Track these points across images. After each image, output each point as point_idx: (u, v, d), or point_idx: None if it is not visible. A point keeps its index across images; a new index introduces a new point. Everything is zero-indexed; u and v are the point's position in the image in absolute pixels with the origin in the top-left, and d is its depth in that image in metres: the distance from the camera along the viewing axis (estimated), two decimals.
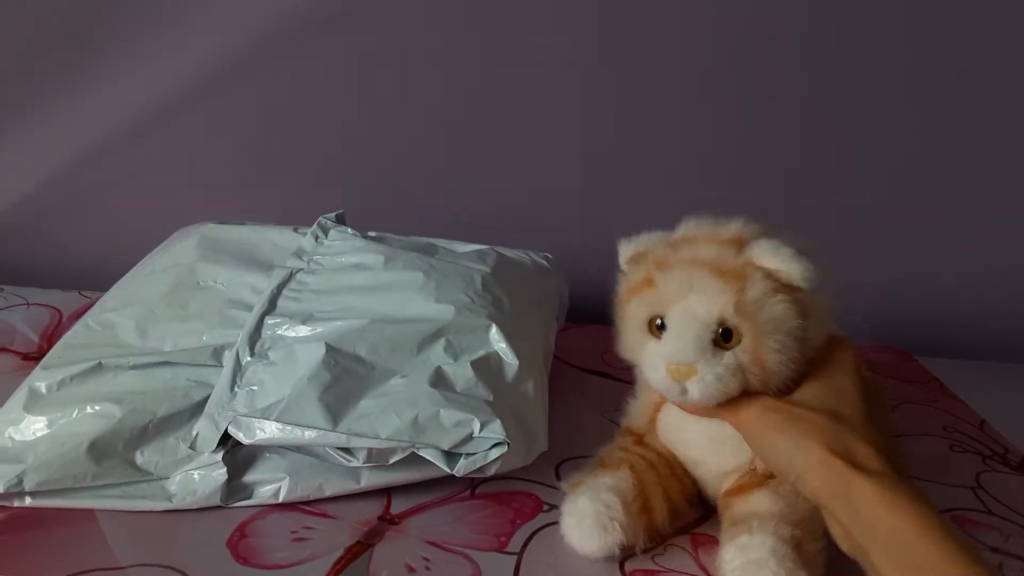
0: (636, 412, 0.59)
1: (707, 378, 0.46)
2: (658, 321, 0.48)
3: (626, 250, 0.53)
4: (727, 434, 0.50)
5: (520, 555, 0.51)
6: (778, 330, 0.46)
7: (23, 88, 0.95)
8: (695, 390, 0.46)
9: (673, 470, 0.56)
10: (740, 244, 0.48)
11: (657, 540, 0.53)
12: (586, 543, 0.50)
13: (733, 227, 0.50)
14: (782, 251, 0.46)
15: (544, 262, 0.80)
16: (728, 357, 0.46)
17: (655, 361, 0.47)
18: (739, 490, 0.52)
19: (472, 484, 0.59)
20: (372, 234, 0.74)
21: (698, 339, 0.46)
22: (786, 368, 0.47)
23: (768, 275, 0.47)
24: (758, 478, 0.51)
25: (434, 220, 0.94)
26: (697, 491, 0.57)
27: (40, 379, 0.57)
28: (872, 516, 0.40)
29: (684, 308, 0.47)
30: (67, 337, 0.63)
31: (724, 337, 0.46)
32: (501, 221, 0.99)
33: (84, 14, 0.91)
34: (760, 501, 0.50)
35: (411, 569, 0.49)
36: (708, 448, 0.54)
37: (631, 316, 0.50)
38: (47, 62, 0.94)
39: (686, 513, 0.56)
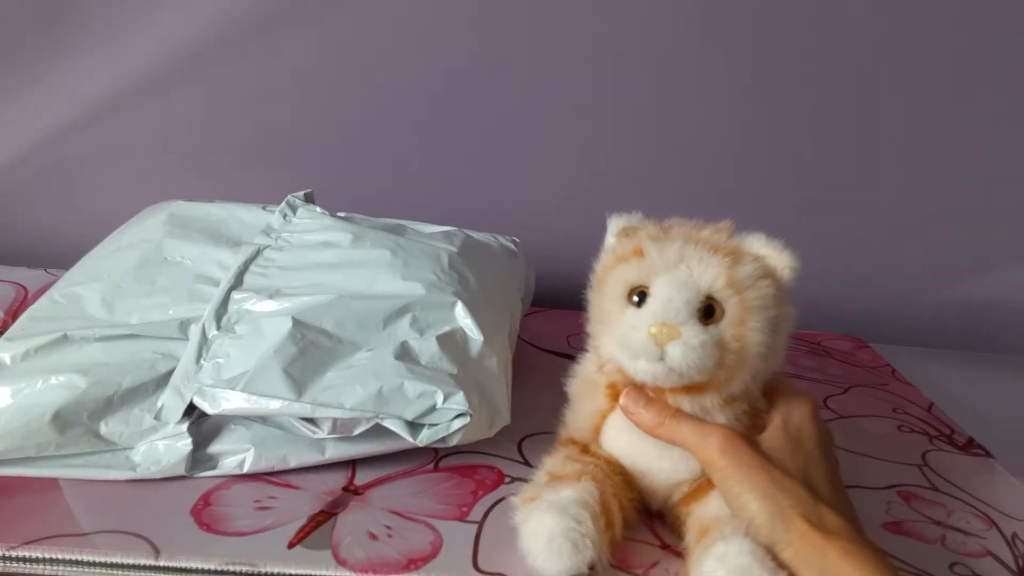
0: (577, 421, 0.57)
1: (691, 342, 0.46)
2: (637, 295, 0.49)
3: (617, 222, 0.54)
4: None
5: (481, 524, 0.53)
6: (763, 311, 0.47)
7: None
8: (676, 354, 0.46)
9: (624, 479, 0.53)
10: (728, 231, 0.51)
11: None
12: (555, 563, 0.45)
13: (720, 223, 0.52)
14: (772, 241, 0.49)
15: (511, 245, 0.81)
16: (712, 329, 0.47)
17: (637, 322, 0.47)
18: (695, 494, 0.51)
19: (436, 457, 0.60)
20: (341, 214, 0.74)
21: (687, 303, 0.47)
22: (759, 359, 0.48)
23: (756, 259, 0.49)
24: (708, 481, 0.50)
25: (403, 204, 0.95)
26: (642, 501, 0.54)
27: (4, 350, 0.57)
28: (839, 572, 0.42)
29: (675, 275, 0.47)
30: (32, 310, 0.63)
31: (707, 313, 0.47)
32: (469, 206, 1.01)
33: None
34: (717, 504, 0.49)
35: (373, 536, 0.50)
36: (658, 456, 0.52)
37: (613, 281, 0.50)
38: (13, 41, 0.93)
39: (635, 524, 0.53)
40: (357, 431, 0.54)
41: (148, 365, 0.57)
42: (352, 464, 0.58)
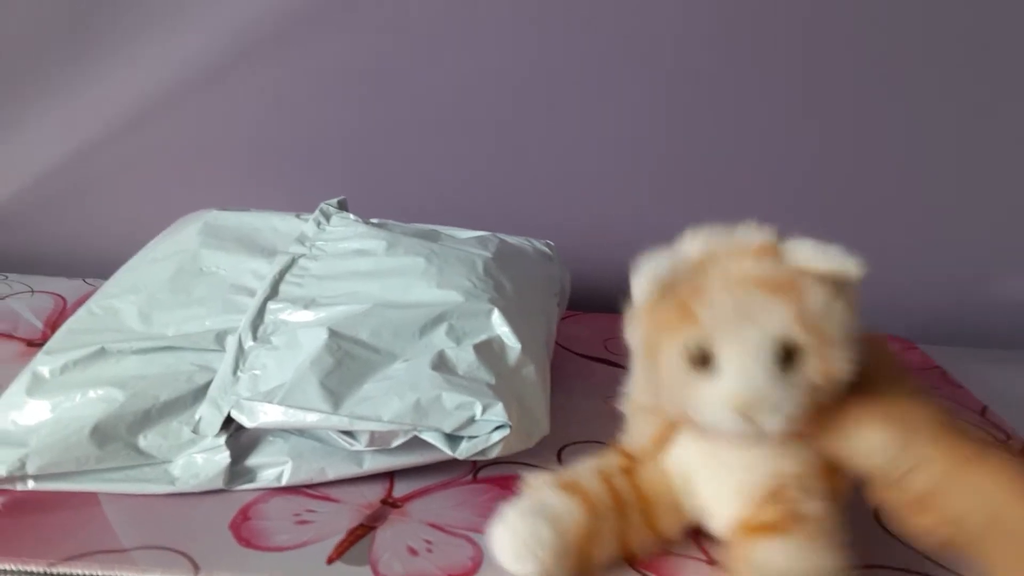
0: (642, 432, 0.52)
1: (783, 406, 0.41)
2: (697, 358, 0.43)
3: (647, 284, 0.44)
4: (747, 462, 0.47)
5: None
6: (845, 338, 0.42)
7: (27, 78, 0.95)
8: (772, 422, 0.42)
9: (646, 512, 0.49)
10: (774, 252, 0.44)
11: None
12: (501, 557, 0.46)
13: (753, 235, 0.45)
14: (828, 250, 0.43)
15: (546, 249, 0.80)
16: (797, 379, 0.42)
17: (716, 402, 0.42)
18: (753, 529, 0.46)
19: (474, 468, 0.59)
20: (374, 221, 0.74)
21: (766, 367, 0.41)
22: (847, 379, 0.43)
23: (819, 279, 0.42)
24: (775, 522, 0.46)
25: (437, 208, 0.94)
26: (680, 523, 0.51)
27: (43, 363, 0.57)
28: (998, 499, 0.38)
29: (740, 336, 0.42)
30: (70, 322, 0.63)
31: (786, 358, 0.42)
32: (504, 209, 0.99)
33: (79, 5, 0.91)
34: (777, 555, 0.44)
35: (413, 551, 0.49)
36: (724, 476, 0.48)
37: (668, 357, 0.44)
38: (50, 53, 0.94)
39: (638, 554, 0.50)
40: (395, 443, 0.53)
41: (185, 377, 0.57)
42: (390, 476, 0.57)
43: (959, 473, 0.39)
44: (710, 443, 0.48)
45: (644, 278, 0.45)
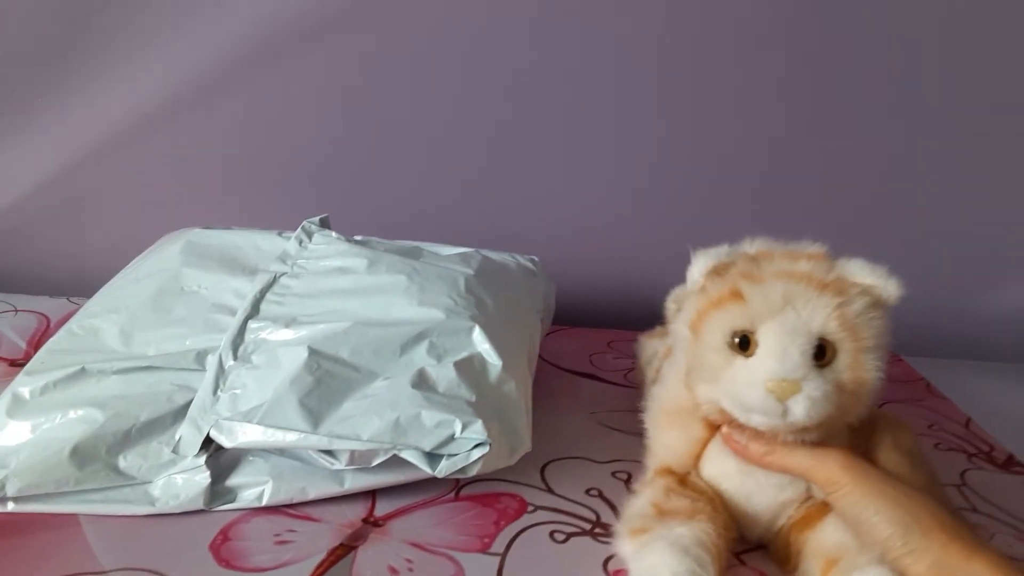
0: (675, 449, 0.54)
1: (814, 395, 0.43)
2: (739, 338, 0.45)
3: (705, 262, 0.48)
4: None
5: (504, 556, 0.51)
6: (877, 347, 0.45)
7: (9, 96, 0.96)
8: (800, 409, 0.43)
9: (728, 516, 0.51)
10: (825, 260, 0.47)
11: None
12: None
13: (807, 245, 0.49)
14: (876, 268, 0.46)
15: (530, 264, 0.80)
16: (828, 374, 0.44)
17: (752, 379, 0.44)
18: (808, 521, 0.49)
19: (457, 486, 0.59)
20: (358, 238, 0.74)
21: (803, 353, 0.44)
22: (873, 392, 0.46)
23: (864, 291, 0.46)
24: (822, 506, 0.49)
25: (421, 225, 0.95)
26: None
27: (23, 384, 0.57)
28: None
29: (784, 321, 0.44)
30: (51, 343, 0.63)
31: (819, 354, 0.44)
32: (488, 226, 1.00)
33: (69, 23, 0.92)
34: (839, 530, 0.47)
35: (394, 571, 0.49)
36: (769, 481, 0.50)
37: (711, 331, 0.47)
38: (33, 72, 0.94)
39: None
40: (375, 462, 0.53)
41: (165, 397, 0.57)
42: (372, 494, 0.57)
43: (949, 569, 0.41)
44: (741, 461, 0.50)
45: (703, 257, 0.48)
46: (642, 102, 0.97)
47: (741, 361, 0.45)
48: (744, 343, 0.45)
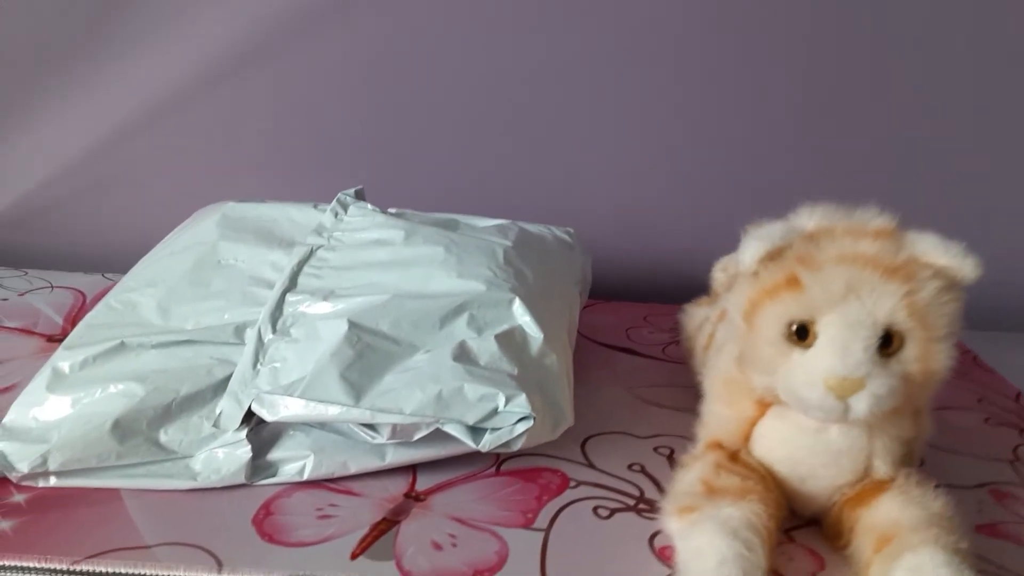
0: (726, 426, 0.52)
1: (879, 391, 0.41)
2: (796, 327, 0.43)
3: (758, 246, 0.44)
4: (847, 444, 0.46)
5: (547, 531, 0.51)
6: (950, 335, 0.42)
7: (43, 74, 0.95)
8: (863, 407, 0.42)
9: (779, 494, 0.49)
10: (893, 237, 0.44)
11: None
12: None
13: (874, 217, 0.45)
14: (951, 246, 0.43)
15: (566, 237, 0.79)
16: (895, 366, 0.42)
17: (810, 376, 0.42)
18: (860, 499, 0.47)
19: (497, 460, 0.58)
20: (392, 210, 0.73)
21: (867, 348, 0.41)
22: (942, 380, 0.44)
23: (936, 273, 0.42)
24: (877, 484, 0.47)
25: (455, 196, 0.93)
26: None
27: (63, 359, 0.57)
28: None
29: (846, 312, 0.42)
30: (89, 317, 0.63)
31: (884, 343, 0.42)
32: (523, 197, 0.98)
33: (94, 2, 0.91)
34: (894, 509, 0.45)
35: (438, 546, 0.49)
36: (824, 461, 0.48)
37: (766, 323, 0.44)
38: (66, 48, 0.94)
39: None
40: (417, 436, 0.52)
41: (205, 371, 0.57)
42: (413, 468, 0.56)
43: None
44: (793, 433, 0.48)
45: (756, 241, 0.45)
46: (679, 70, 0.95)
47: (799, 354, 0.43)
48: (802, 333, 0.43)
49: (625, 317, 0.89)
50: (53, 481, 0.52)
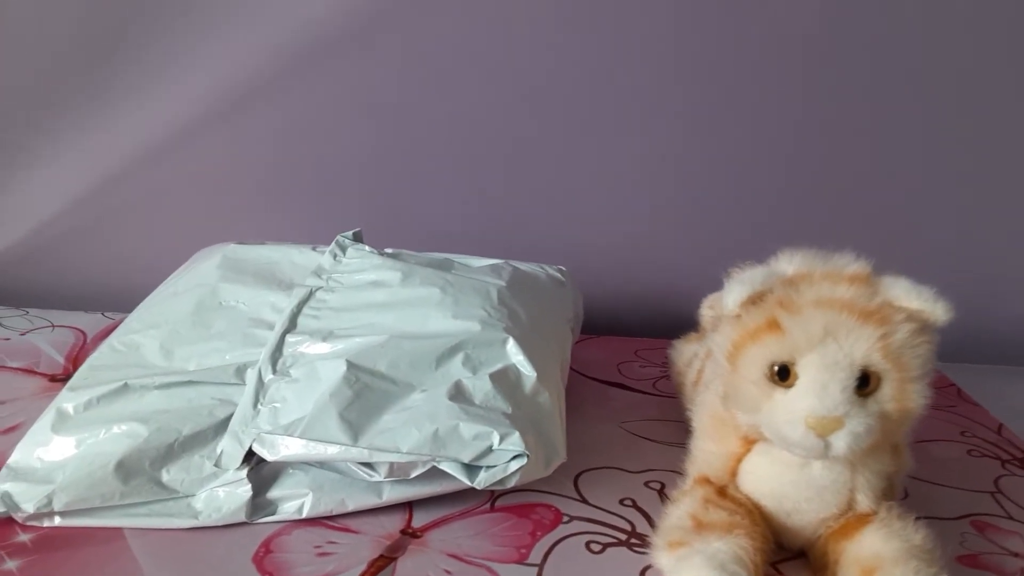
0: (713, 462, 0.54)
1: (857, 430, 0.43)
2: (778, 368, 0.45)
3: (740, 291, 0.47)
4: (830, 479, 0.48)
5: (541, 567, 0.52)
6: (924, 375, 0.45)
7: (43, 113, 0.97)
8: (842, 444, 0.44)
9: (764, 528, 0.50)
10: (868, 282, 0.46)
11: None
12: None
13: (850, 263, 0.48)
14: (923, 291, 0.45)
15: (558, 275, 0.81)
16: (872, 405, 0.44)
17: (791, 416, 0.44)
18: (844, 532, 0.49)
19: (492, 497, 0.59)
20: (389, 251, 0.75)
21: (844, 388, 0.43)
22: (917, 417, 0.46)
23: (910, 316, 0.45)
24: (860, 517, 0.49)
25: (448, 237, 0.95)
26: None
27: (67, 400, 0.58)
28: None
29: (824, 354, 0.44)
30: (93, 358, 0.64)
31: (862, 384, 0.44)
32: (515, 236, 1.00)
33: (100, 40, 0.93)
34: (876, 542, 0.47)
35: None
36: (808, 496, 0.49)
37: (749, 364, 0.46)
38: (68, 87, 0.96)
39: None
40: (414, 474, 0.53)
41: (207, 411, 0.58)
42: (408, 506, 0.57)
43: None
44: (778, 469, 0.50)
45: (739, 285, 0.47)
46: (664, 112, 0.97)
47: (780, 394, 0.45)
48: (784, 373, 0.45)
49: (616, 352, 0.91)
50: (57, 521, 0.53)
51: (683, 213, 1.01)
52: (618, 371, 0.86)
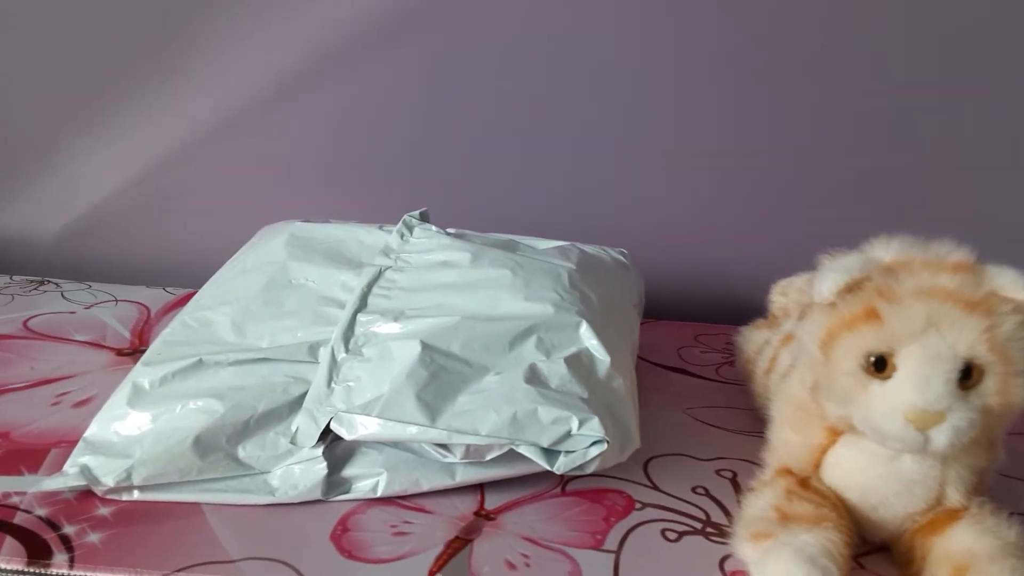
0: (796, 452, 0.52)
1: (959, 424, 0.42)
2: (875, 359, 0.44)
3: (837, 278, 0.45)
4: (921, 474, 0.47)
5: (618, 553, 0.51)
6: None
7: (109, 91, 0.98)
8: (943, 439, 0.42)
9: (849, 521, 0.49)
10: (972, 271, 0.45)
11: None
12: None
13: (952, 251, 0.46)
14: None
15: (621, 258, 0.80)
16: (974, 399, 0.43)
17: (890, 408, 0.43)
18: (933, 527, 0.48)
19: (562, 481, 0.59)
20: (451, 231, 0.74)
21: (948, 382, 0.42)
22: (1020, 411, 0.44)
23: (1017, 308, 0.43)
24: (950, 512, 0.48)
25: (506, 217, 0.94)
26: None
27: (142, 375, 0.59)
28: None
29: (926, 345, 0.42)
30: (165, 334, 0.64)
31: (964, 376, 0.42)
32: (574, 217, 0.99)
33: (170, 21, 0.94)
34: (968, 538, 0.45)
35: (511, 565, 0.49)
36: (897, 490, 0.48)
37: (843, 354, 0.45)
38: (135, 65, 0.96)
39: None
40: (490, 456, 0.53)
41: (281, 389, 0.58)
42: (480, 487, 0.57)
43: None
44: (866, 461, 0.49)
45: (834, 273, 0.45)
46: (734, 98, 0.95)
47: (877, 386, 0.44)
48: (880, 365, 0.44)
49: (676, 336, 0.90)
50: (136, 495, 0.54)
51: (746, 196, 0.99)
52: (679, 356, 0.85)
